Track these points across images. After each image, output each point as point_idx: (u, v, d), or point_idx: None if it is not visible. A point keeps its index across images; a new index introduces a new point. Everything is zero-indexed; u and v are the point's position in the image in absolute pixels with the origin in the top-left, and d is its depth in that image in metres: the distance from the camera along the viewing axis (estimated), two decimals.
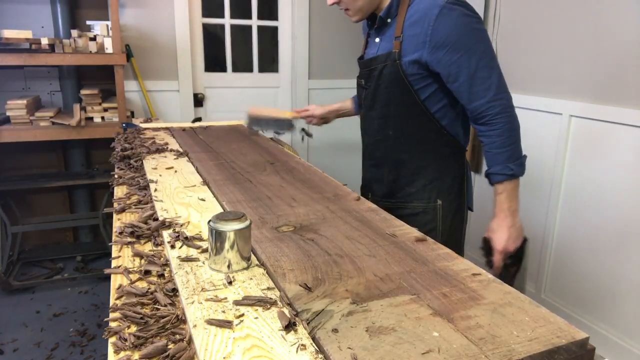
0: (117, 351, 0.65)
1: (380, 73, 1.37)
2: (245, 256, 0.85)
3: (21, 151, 3.14)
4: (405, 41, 1.30)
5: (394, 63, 1.32)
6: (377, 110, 1.42)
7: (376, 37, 1.41)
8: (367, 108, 1.46)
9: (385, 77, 1.36)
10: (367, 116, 1.48)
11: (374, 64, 1.38)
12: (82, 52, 2.78)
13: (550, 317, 0.69)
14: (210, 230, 0.83)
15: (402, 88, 1.34)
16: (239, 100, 3.74)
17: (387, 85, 1.36)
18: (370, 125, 1.48)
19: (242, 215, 0.84)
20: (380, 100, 1.40)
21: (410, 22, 1.30)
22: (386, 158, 1.47)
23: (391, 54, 1.33)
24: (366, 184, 1.60)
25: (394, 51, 1.32)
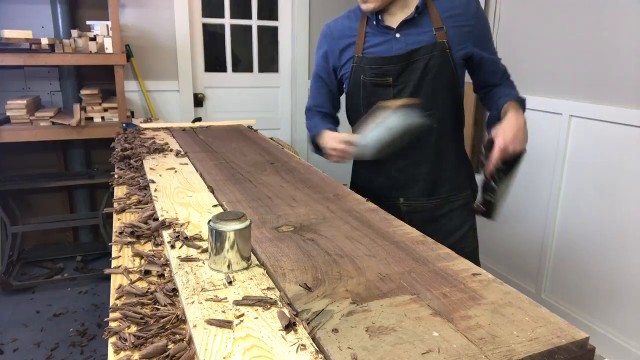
0: (117, 351, 0.65)
1: (426, 64, 1.33)
2: (245, 256, 0.85)
3: (21, 151, 3.14)
4: (450, 32, 1.33)
5: (444, 53, 1.32)
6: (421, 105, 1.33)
7: (397, 32, 1.36)
8: None
9: (432, 68, 1.33)
10: None
11: (415, 56, 1.34)
12: (82, 52, 2.78)
13: (550, 317, 0.69)
14: (210, 230, 0.83)
15: (450, 78, 1.35)
16: (239, 100, 3.74)
17: (434, 77, 1.34)
18: None
19: (242, 215, 0.84)
20: (424, 94, 1.35)
21: (449, 15, 1.34)
22: (427, 154, 1.42)
23: (438, 45, 1.33)
24: (396, 187, 1.48)
25: (441, 41, 1.32)
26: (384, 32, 1.38)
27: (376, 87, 1.39)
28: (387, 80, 1.37)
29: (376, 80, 1.39)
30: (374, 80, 1.39)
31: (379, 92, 1.39)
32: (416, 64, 1.34)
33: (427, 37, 1.34)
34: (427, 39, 1.34)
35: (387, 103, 1.25)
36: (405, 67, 1.35)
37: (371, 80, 1.39)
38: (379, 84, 1.39)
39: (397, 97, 1.36)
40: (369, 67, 1.39)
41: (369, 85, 1.40)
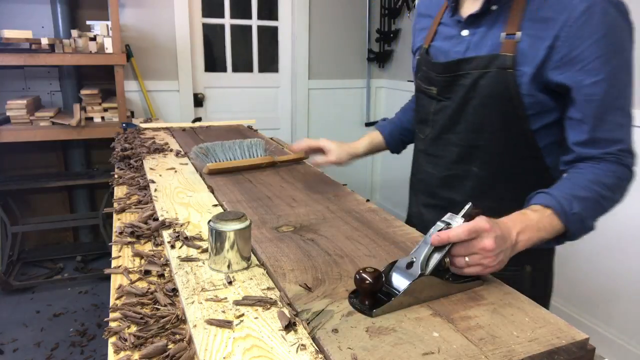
0: (117, 351, 0.65)
1: (474, 82, 0.98)
2: (245, 256, 0.85)
3: (21, 151, 3.14)
4: (525, 42, 0.93)
5: (503, 72, 0.94)
6: (460, 134, 1.03)
7: (465, 28, 1.02)
8: (441, 128, 1.07)
9: (482, 90, 0.97)
10: (437, 139, 1.09)
11: (463, 67, 1.00)
12: (82, 52, 2.78)
13: (550, 317, 0.69)
14: (210, 230, 0.83)
15: (507, 109, 0.96)
16: (239, 100, 3.74)
17: (483, 102, 0.98)
18: (442, 152, 1.08)
19: (242, 215, 0.84)
20: (467, 121, 1.01)
21: (534, 17, 0.93)
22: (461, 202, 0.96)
23: (498, 58, 0.94)
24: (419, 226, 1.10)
25: (503, 54, 0.94)
26: (454, 25, 1.06)
27: (422, 93, 1.13)
28: (432, 91, 1.08)
29: (424, 86, 1.11)
30: (421, 86, 1.12)
31: (423, 102, 1.13)
32: (463, 78, 1.00)
33: (491, 44, 0.97)
34: (489, 46, 0.97)
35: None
36: (452, 79, 1.02)
37: (420, 84, 1.13)
38: (424, 90, 1.12)
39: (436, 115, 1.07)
40: (422, 67, 1.12)
41: (419, 89, 1.15)
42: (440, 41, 1.08)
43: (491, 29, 0.98)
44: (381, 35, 3.83)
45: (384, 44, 3.88)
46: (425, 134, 1.13)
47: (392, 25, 3.79)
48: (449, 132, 1.06)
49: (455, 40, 1.04)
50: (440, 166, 1.10)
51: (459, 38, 1.03)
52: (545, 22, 0.91)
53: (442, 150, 1.08)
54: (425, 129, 1.13)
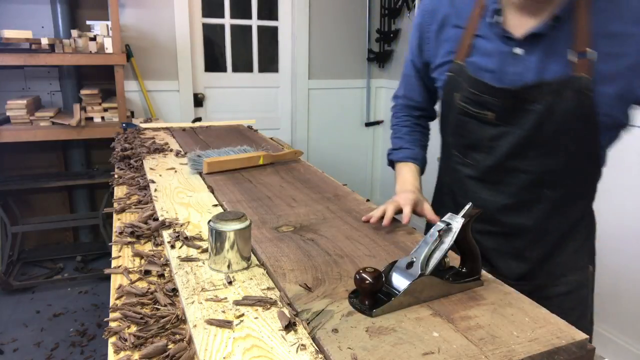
0: (117, 351, 0.65)
1: (549, 109, 0.89)
2: (245, 256, 0.85)
3: (21, 151, 3.14)
4: (602, 61, 0.86)
5: (580, 95, 0.86)
6: (531, 161, 0.96)
7: (518, 46, 0.91)
8: (505, 156, 0.97)
9: (558, 116, 0.89)
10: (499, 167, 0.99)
11: (534, 94, 0.90)
12: (82, 52, 2.78)
13: (551, 317, 0.69)
14: (210, 230, 0.83)
15: (583, 131, 0.91)
16: (239, 100, 3.74)
17: (558, 127, 0.91)
18: (505, 179, 1.00)
19: (242, 215, 0.84)
20: (539, 147, 0.94)
21: (605, 32, 0.86)
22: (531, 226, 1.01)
23: (573, 81, 0.87)
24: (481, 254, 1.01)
25: (578, 76, 0.86)
26: (500, 39, 0.94)
27: (469, 117, 0.99)
28: (487, 116, 0.96)
29: (472, 110, 0.98)
30: (468, 109, 0.98)
31: (471, 127, 1.00)
32: (533, 104, 0.91)
33: (559, 64, 0.88)
34: (558, 67, 0.88)
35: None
36: (516, 105, 0.93)
37: (465, 106, 0.99)
38: (475, 115, 0.98)
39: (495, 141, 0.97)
40: (467, 88, 0.97)
41: (461, 112, 1.00)
42: (481, 57, 0.96)
43: (554, 47, 0.89)
44: (381, 35, 3.83)
45: (384, 44, 3.88)
46: (478, 160, 1.02)
47: (392, 25, 3.79)
48: (515, 160, 0.96)
49: (507, 59, 0.93)
50: (504, 193, 1.01)
51: (514, 57, 0.92)
52: (620, 37, 0.85)
53: (506, 177, 0.99)
54: (476, 156, 1.01)
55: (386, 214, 1.01)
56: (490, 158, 0.99)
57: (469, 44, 0.98)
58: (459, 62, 0.99)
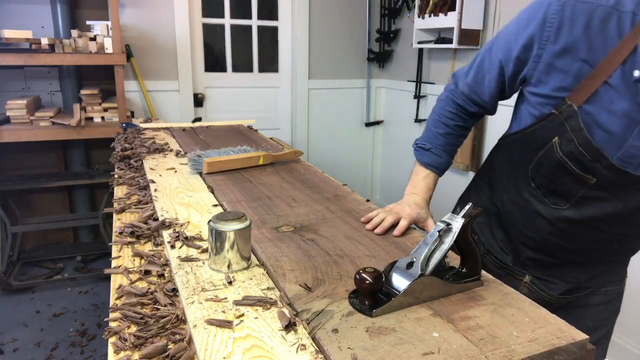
0: (117, 351, 0.65)
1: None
2: (245, 256, 0.85)
3: (21, 151, 3.14)
4: None
5: None
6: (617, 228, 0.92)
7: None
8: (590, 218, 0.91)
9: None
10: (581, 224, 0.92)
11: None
12: (82, 52, 2.78)
13: (550, 317, 0.69)
14: (210, 230, 0.83)
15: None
16: (239, 100, 3.74)
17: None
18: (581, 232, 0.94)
19: (242, 215, 0.84)
20: (632, 221, 0.90)
21: None
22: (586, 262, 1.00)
23: None
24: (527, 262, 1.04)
25: None
26: (632, 95, 0.78)
27: (565, 171, 0.88)
28: (588, 179, 0.86)
29: (573, 168, 0.86)
30: (569, 165, 0.86)
31: (564, 179, 0.89)
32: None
33: None
34: None
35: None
36: (628, 184, 0.83)
37: (564, 161, 0.86)
38: (572, 172, 0.87)
39: (585, 201, 0.88)
40: (574, 142, 0.84)
41: (556, 161, 0.88)
42: (603, 111, 0.80)
43: None
44: (381, 35, 3.83)
45: (384, 44, 3.88)
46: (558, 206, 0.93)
47: (392, 25, 3.79)
48: (600, 223, 0.90)
49: (634, 128, 0.78)
50: (575, 243, 0.95)
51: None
52: None
53: (583, 231, 0.92)
54: (557, 201, 0.92)
55: (382, 224, 1.01)
56: (574, 212, 0.91)
57: (594, 90, 0.80)
58: (573, 105, 0.82)
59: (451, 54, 3.15)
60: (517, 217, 1.01)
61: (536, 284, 1.03)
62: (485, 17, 2.84)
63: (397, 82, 3.84)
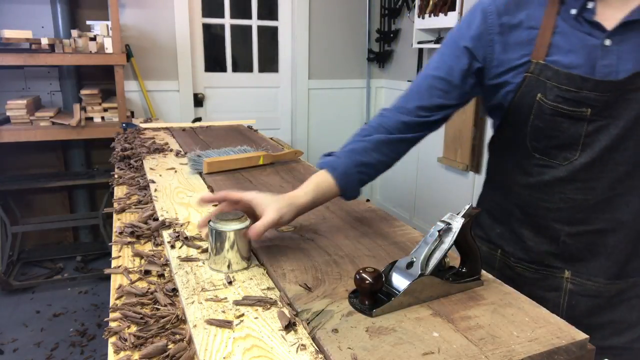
0: (117, 351, 0.65)
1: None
2: (245, 256, 0.85)
3: (21, 151, 3.14)
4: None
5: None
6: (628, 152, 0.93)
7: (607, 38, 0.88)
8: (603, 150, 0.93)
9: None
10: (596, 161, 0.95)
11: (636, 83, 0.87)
12: (82, 52, 2.79)
13: (550, 317, 0.69)
14: (210, 230, 0.83)
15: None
16: (239, 100, 3.74)
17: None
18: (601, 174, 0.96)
19: (242, 215, 0.84)
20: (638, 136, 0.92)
21: None
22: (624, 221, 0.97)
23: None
24: (564, 257, 1.02)
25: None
26: (585, 32, 0.90)
27: (561, 117, 0.93)
28: (583, 113, 0.91)
29: (563, 108, 0.92)
30: (558, 108, 0.92)
31: (563, 126, 0.94)
32: (635, 93, 0.88)
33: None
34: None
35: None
36: (617, 98, 0.89)
37: (555, 106, 0.92)
38: (567, 113, 0.92)
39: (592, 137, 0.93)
40: (554, 86, 0.92)
41: (549, 112, 0.93)
42: (564, 54, 0.91)
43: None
44: (381, 35, 3.84)
45: (384, 44, 3.88)
46: (569, 159, 0.95)
47: (392, 25, 3.79)
48: (613, 153, 0.92)
49: (596, 53, 0.89)
50: (599, 189, 0.95)
51: (604, 49, 0.88)
52: None
53: (602, 171, 0.94)
54: (567, 155, 0.95)
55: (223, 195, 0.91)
56: (586, 155, 0.94)
57: (547, 41, 0.92)
58: (539, 60, 0.92)
59: None
60: (537, 197, 1.00)
61: (579, 276, 1.01)
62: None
63: (397, 82, 3.84)
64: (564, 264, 1.01)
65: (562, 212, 0.98)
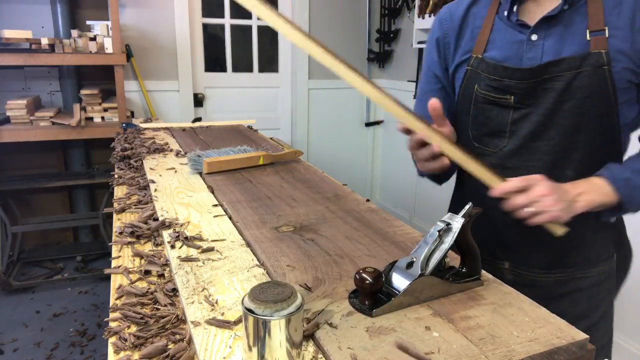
0: (117, 351, 0.65)
1: (567, 85, 0.93)
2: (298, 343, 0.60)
3: (21, 151, 3.14)
4: (616, 38, 0.91)
5: (598, 70, 0.91)
6: (552, 141, 0.97)
7: (534, 32, 0.96)
8: (525, 138, 1.00)
9: (577, 91, 0.93)
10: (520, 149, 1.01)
11: (552, 70, 0.94)
12: (82, 52, 2.79)
13: (551, 317, 0.69)
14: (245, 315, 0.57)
15: (603, 106, 0.93)
16: (239, 100, 3.74)
17: (578, 103, 0.93)
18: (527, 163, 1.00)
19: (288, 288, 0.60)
20: (559, 125, 0.96)
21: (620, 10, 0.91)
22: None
23: (591, 57, 0.91)
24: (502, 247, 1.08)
25: (596, 52, 0.90)
26: (515, 30, 0.99)
27: (490, 104, 1.02)
28: (507, 99, 1.00)
29: (492, 96, 1.01)
30: (488, 96, 1.01)
31: (492, 113, 1.02)
32: (552, 82, 0.94)
33: (576, 43, 0.93)
34: (575, 47, 0.93)
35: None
36: (536, 85, 0.96)
37: (485, 94, 1.02)
38: (494, 101, 1.01)
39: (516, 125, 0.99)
40: (486, 76, 1.01)
41: (481, 100, 1.03)
42: (498, 50, 1.00)
43: (568, 29, 0.94)
44: (381, 35, 3.84)
45: (384, 44, 3.88)
46: (499, 146, 1.03)
47: (392, 25, 3.79)
48: (536, 141, 0.98)
49: (523, 47, 0.97)
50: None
51: (530, 43, 0.96)
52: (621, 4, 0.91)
53: (528, 160, 1.00)
54: (496, 142, 1.03)
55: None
56: (512, 142, 1.01)
57: (486, 38, 1.02)
58: (477, 55, 1.03)
59: None
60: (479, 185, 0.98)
61: (518, 267, 1.07)
62: None
63: (397, 82, 3.84)
64: (504, 254, 1.08)
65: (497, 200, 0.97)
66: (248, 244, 0.95)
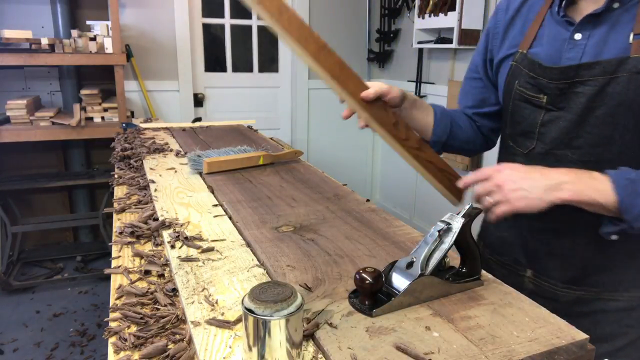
0: (117, 351, 0.65)
1: (600, 90, 0.86)
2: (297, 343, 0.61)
3: (21, 151, 3.14)
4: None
5: (636, 77, 0.83)
6: (581, 150, 0.91)
7: (578, 31, 0.90)
8: (553, 143, 0.94)
9: (611, 98, 0.85)
10: (547, 155, 0.96)
11: (583, 74, 0.87)
12: (82, 52, 2.79)
13: (551, 317, 0.69)
14: (245, 315, 0.58)
15: (639, 117, 0.85)
16: (239, 100, 3.74)
17: (611, 111, 0.86)
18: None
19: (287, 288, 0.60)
20: (589, 134, 0.89)
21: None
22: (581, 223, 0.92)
23: (629, 62, 0.83)
24: (526, 254, 1.03)
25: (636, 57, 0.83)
26: (561, 26, 0.93)
27: (525, 102, 0.98)
28: (540, 99, 0.95)
29: (527, 93, 0.97)
30: (524, 93, 0.97)
31: (526, 112, 0.98)
32: (583, 86, 0.88)
33: (617, 46, 0.85)
34: (616, 50, 0.85)
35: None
36: (568, 87, 0.90)
37: (522, 91, 0.98)
38: (528, 99, 0.97)
39: (545, 127, 0.94)
40: (526, 73, 0.97)
41: (518, 98, 0.99)
42: (542, 46, 0.95)
43: (613, 30, 0.86)
44: (381, 35, 3.83)
45: (384, 44, 3.88)
46: (528, 148, 0.99)
47: (392, 25, 3.79)
48: (564, 148, 0.92)
49: (565, 45, 0.91)
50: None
51: (572, 42, 0.90)
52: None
53: (557, 167, 0.90)
54: (526, 142, 0.99)
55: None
56: (540, 145, 0.96)
57: (534, 33, 0.97)
58: (523, 50, 0.98)
59: (451, 54, 3.15)
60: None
61: (539, 277, 1.01)
62: (485, 17, 2.84)
63: (397, 82, 3.84)
64: (526, 261, 1.03)
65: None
66: (248, 244, 0.95)
